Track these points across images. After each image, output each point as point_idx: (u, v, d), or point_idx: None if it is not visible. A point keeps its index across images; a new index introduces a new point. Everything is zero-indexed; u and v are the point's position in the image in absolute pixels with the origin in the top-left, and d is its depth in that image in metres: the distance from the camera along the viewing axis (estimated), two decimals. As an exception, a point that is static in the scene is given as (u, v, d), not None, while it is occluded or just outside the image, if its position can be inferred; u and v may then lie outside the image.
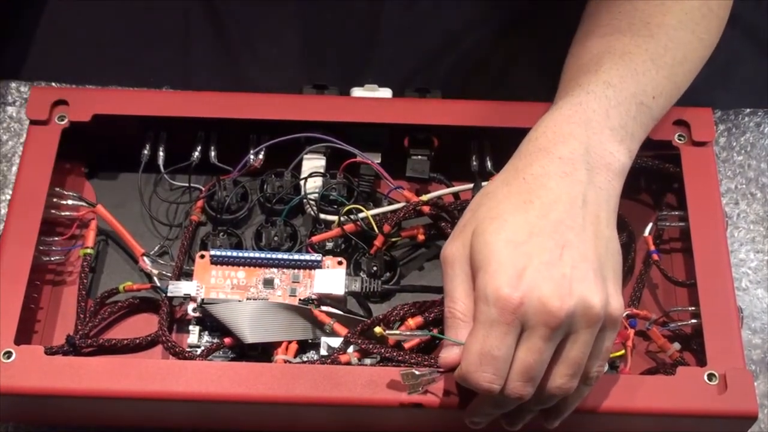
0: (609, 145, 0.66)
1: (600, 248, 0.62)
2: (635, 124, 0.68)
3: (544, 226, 0.61)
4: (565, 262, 0.60)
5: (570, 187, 0.63)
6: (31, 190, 0.75)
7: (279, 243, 0.77)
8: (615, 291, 0.62)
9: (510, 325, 0.59)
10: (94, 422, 0.73)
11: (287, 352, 0.71)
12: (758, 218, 0.84)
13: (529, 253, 0.60)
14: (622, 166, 0.66)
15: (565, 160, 0.64)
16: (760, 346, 0.79)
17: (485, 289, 0.60)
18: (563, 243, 0.61)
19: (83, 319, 0.74)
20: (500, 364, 0.60)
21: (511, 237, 0.61)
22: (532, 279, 0.60)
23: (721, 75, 0.90)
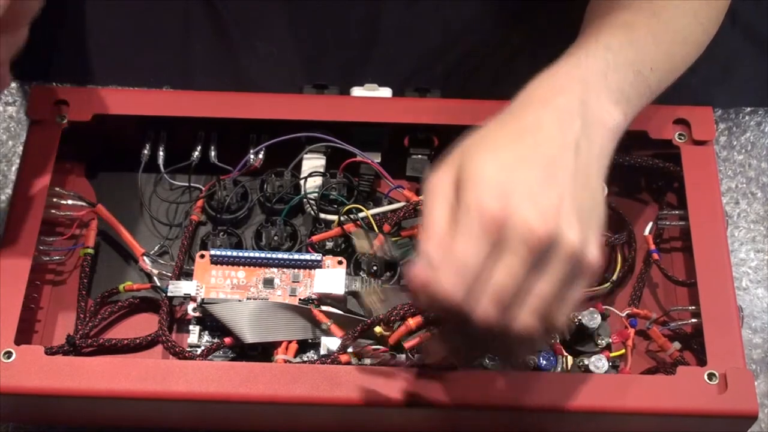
0: (605, 104, 0.65)
1: (587, 198, 0.61)
2: (632, 90, 0.68)
3: (535, 158, 0.61)
4: (553, 195, 0.59)
5: (565, 134, 0.62)
6: (31, 190, 0.75)
7: (279, 243, 0.77)
8: (595, 242, 0.61)
9: (488, 236, 0.58)
10: (94, 422, 0.73)
11: (287, 352, 0.71)
12: (759, 217, 0.84)
13: (517, 178, 0.59)
14: (617, 125, 0.65)
15: (561, 110, 0.63)
16: (760, 345, 0.79)
17: (467, 200, 0.58)
18: (553, 178, 0.60)
19: (83, 319, 0.74)
20: (469, 274, 0.58)
21: (500, 161, 0.60)
22: (518, 198, 0.58)
23: (721, 74, 0.90)
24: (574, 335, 0.72)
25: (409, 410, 0.67)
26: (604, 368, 0.70)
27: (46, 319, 0.75)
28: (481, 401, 0.67)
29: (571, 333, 0.72)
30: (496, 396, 0.67)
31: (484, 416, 0.68)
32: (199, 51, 0.91)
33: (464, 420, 0.69)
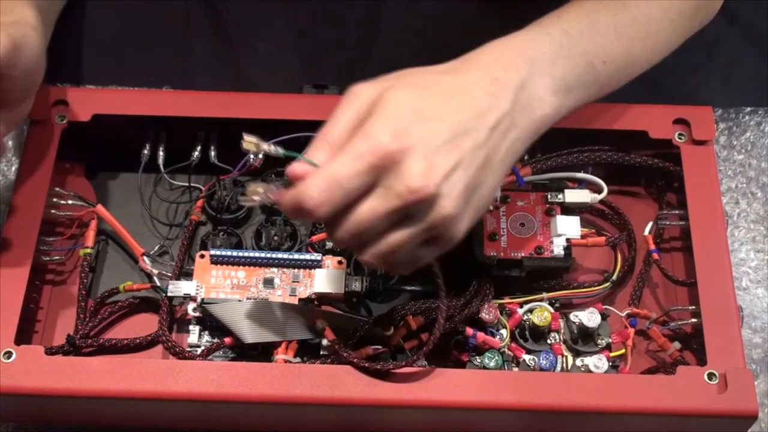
0: (542, 91, 0.66)
1: (481, 178, 0.62)
2: (577, 81, 0.68)
3: (452, 119, 0.61)
4: (448, 160, 0.60)
5: (490, 107, 0.63)
6: (31, 190, 0.75)
7: (279, 243, 0.77)
8: (468, 221, 0.61)
9: (370, 169, 0.58)
10: (94, 422, 0.73)
11: (287, 352, 0.71)
12: (759, 217, 0.84)
13: (424, 129, 0.60)
14: (542, 117, 0.66)
15: (498, 82, 0.64)
16: (760, 345, 0.79)
17: (370, 125, 0.59)
18: (457, 145, 0.60)
19: (83, 319, 0.74)
20: (338, 195, 0.58)
21: (420, 105, 0.60)
22: (414, 148, 0.59)
23: (721, 75, 0.90)
24: (575, 335, 0.72)
25: (409, 410, 0.67)
26: (604, 368, 0.70)
27: (46, 319, 0.75)
28: (482, 401, 0.67)
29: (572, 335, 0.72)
30: (496, 396, 0.67)
31: (484, 416, 0.68)
32: (199, 51, 0.91)
33: (464, 420, 0.69)
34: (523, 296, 0.73)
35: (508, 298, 0.73)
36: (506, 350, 0.71)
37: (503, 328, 0.71)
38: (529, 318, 0.71)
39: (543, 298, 0.73)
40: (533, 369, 0.70)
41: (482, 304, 0.71)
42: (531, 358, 0.71)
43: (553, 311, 0.72)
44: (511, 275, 0.74)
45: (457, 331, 0.71)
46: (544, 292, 0.73)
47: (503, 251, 0.74)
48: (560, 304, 0.74)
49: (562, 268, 0.75)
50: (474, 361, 0.70)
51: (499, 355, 0.70)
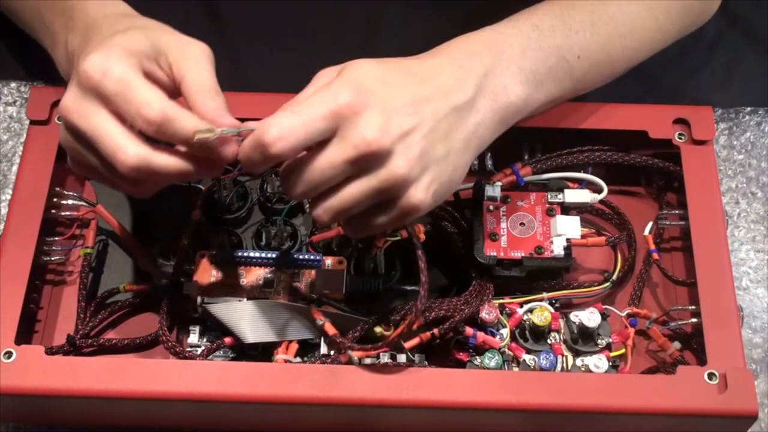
0: (508, 81, 0.66)
1: (440, 149, 0.62)
2: (548, 74, 0.69)
3: (414, 90, 0.62)
4: (407, 121, 0.60)
5: (453, 89, 0.63)
6: (31, 190, 0.75)
7: (279, 243, 0.77)
8: (426, 188, 0.61)
9: (332, 115, 0.59)
10: (94, 422, 0.73)
11: (287, 352, 0.71)
12: (759, 217, 0.84)
13: (385, 90, 0.60)
14: (508, 105, 0.66)
15: (462, 68, 0.65)
16: (760, 345, 0.79)
17: (332, 84, 0.60)
18: (417, 112, 0.61)
19: (83, 319, 0.74)
20: (298, 135, 0.59)
21: (382, 73, 0.62)
22: (373, 104, 0.59)
23: (721, 74, 0.90)
24: (575, 335, 0.72)
25: (409, 410, 0.67)
26: (604, 368, 0.70)
27: (47, 319, 0.75)
28: (482, 401, 0.67)
29: (572, 334, 0.72)
30: (496, 396, 0.67)
31: (484, 416, 0.68)
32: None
33: (464, 420, 0.69)
34: (523, 296, 0.73)
35: (508, 298, 0.73)
36: (506, 350, 0.71)
37: (503, 328, 0.71)
38: (529, 318, 0.71)
39: (543, 298, 0.73)
40: (533, 369, 0.70)
41: (482, 304, 0.71)
42: (531, 358, 0.71)
43: (553, 311, 0.72)
44: (511, 275, 0.74)
45: (457, 331, 0.71)
46: (544, 292, 0.73)
47: (503, 251, 0.74)
48: (560, 304, 0.74)
49: (562, 268, 0.75)
50: (474, 361, 0.70)
51: (499, 355, 0.70)
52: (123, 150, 0.60)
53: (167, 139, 0.61)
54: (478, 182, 0.76)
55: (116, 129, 0.60)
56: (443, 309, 0.71)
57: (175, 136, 0.60)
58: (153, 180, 0.63)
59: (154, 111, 0.60)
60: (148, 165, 0.61)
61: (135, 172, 0.60)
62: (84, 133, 0.61)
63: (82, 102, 0.61)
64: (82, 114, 0.61)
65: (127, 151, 0.60)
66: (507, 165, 0.77)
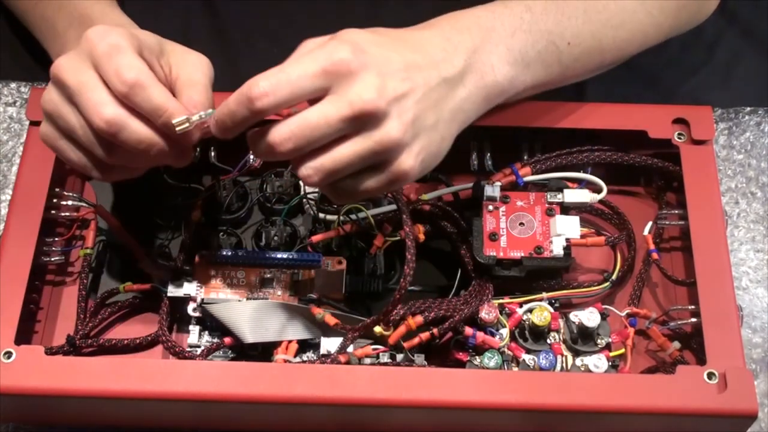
0: (496, 60, 0.67)
1: (430, 117, 0.62)
2: (537, 58, 0.69)
3: (407, 56, 0.62)
4: (402, 85, 0.60)
5: (443, 60, 0.64)
6: (31, 190, 0.75)
7: (279, 243, 0.77)
8: (416, 157, 0.61)
9: (325, 74, 0.59)
10: (94, 422, 0.73)
11: (287, 352, 0.71)
12: (758, 217, 0.84)
13: (381, 52, 0.61)
14: (494, 84, 0.67)
15: (451, 42, 0.65)
16: (760, 345, 0.79)
17: (327, 43, 0.60)
18: (411, 77, 0.61)
19: (83, 319, 0.74)
20: (285, 90, 0.59)
21: (376, 39, 0.62)
22: (370, 65, 0.59)
23: (721, 74, 0.90)
24: (574, 335, 0.72)
25: (409, 410, 0.67)
26: (603, 368, 0.70)
27: (46, 319, 0.75)
28: (482, 401, 0.67)
29: (572, 334, 0.72)
30: (496, 396, 0.67)
31: (484, 416, 0.68)
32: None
33: (464, 420, 0.69)
34: (522, 296, 0.73)
35: (508, 298, 0.73)
36: (506, 350, 0.71)
37: (503, 328, 0.71)
38: (528, 318, 0.71)
39: (543, 298, 0.73)
40: (533, 369, 0.70)
41: (482, 304, 0.71)
42: (531, 357, 0.71)
43: (552, 311, 0.72)
44: (510, 275, 0.74)
45: (456, 331, 0.71)
46: (543, 292, 0.73)
47: (503, 251, 0.74)
48: (560, 304, 0.74)
49: (561, 268, 0.75)
50: (474, 361, 0.70)
51: (499, 355, 0.70)
52: (102, 105, 0.61)
53: (135, 105, 0.61)
54: (478, 182, 0.76)
55: (101, 87, 0.62)
56: (443, 309, 0.71)
57: (143, 104, 0.61)
58: (125, 155, 0.63)
59: (131, 74, 0.61)
60: (123, 125, 0.61)
61: (109, 128, 0.61)
62: (70, 87, 0.62)
63: (75, 61, 0.63)
64: (72, 69, 0.62)
65: (106, 107, 0.61)
66: (507, 165, 0.77)
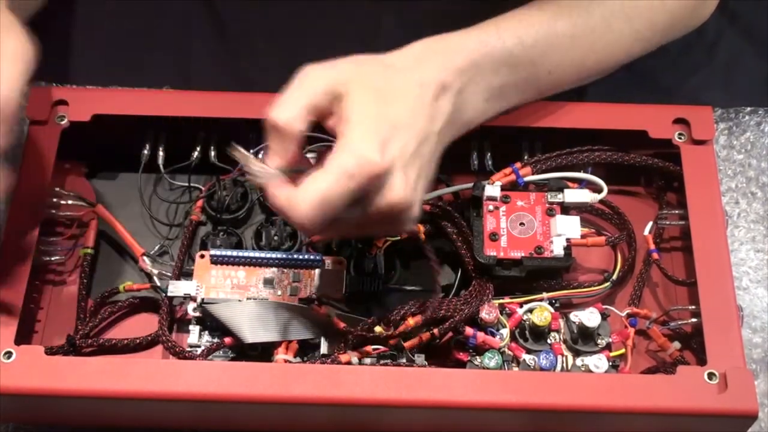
0: (476, 99, 0.70)
1: (429, 173, 0.66)
2: (515, 89, 0.72)
3: (415, 126, 0.64)
4: (415, 169, 0.64)
5: (437, 112, 0.67)
6: (31, 190, 0.75)
7: (279, 243, 0.77)
8: (420, 201, 0.65)
9: (361, 188, 0.61)
10: (94, 422, 0.73)
11: (287, 352, 0.71)
12: (758, 217, 0.84)
13: (399, 141, 0.63)
14: (470, 121, 0.71)
15: (444, 88, 0.67)
16: (760, 345, 0.79)
17: (352, 140, 0.62)
18: (421, 152, 0.65)
19: (83, 319, 0.74)
20: (328, 213, 0.61)
21: (386, 114, 0.63)
22: (396, 162, 0.62)
23: (721, 74, 0.90)
24: (575, 335, 0.72)
25: (409, 410, 0.67)
26: (604, 368, 0.70)
27: (46, 319, 0.75)
28: (482, 401, 0.67)
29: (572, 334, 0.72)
30: (496, 396, 0.67)
31: (484, 416, 0.68)
32: (199, 51, 0.91)
33: (464, 420, 0.69)
34: (523, 296, 0.73)
35: (508, 298, 0.73)
36: (506, 350, 0.71)
37: (503, 328, 0.71)
38: (529, 318, 0.71)
39: (543, 298, 0.73)
40: (533, 369, 0.70)
41: (482, 304, 0.71)
42: (531, 357, 0.71)
43: (553, 311, 0.72)
44: (510, 275, 0.74)
45: (457, 331, 0.71)
46: (544, 292, 0.73)
47: (503, 251, 0.74)
48: (560, 304, 0.74)
49: (562, 268, 0.75)
50: (474, 361, 0.70)
51: (499, 355, 0.70)
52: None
53: None
54: (478, 182, 0.76)
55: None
56: (443, 309, 0.71)
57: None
58: None
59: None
60: None
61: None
62: None
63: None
64: None
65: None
66: (507, 165, 0.77)
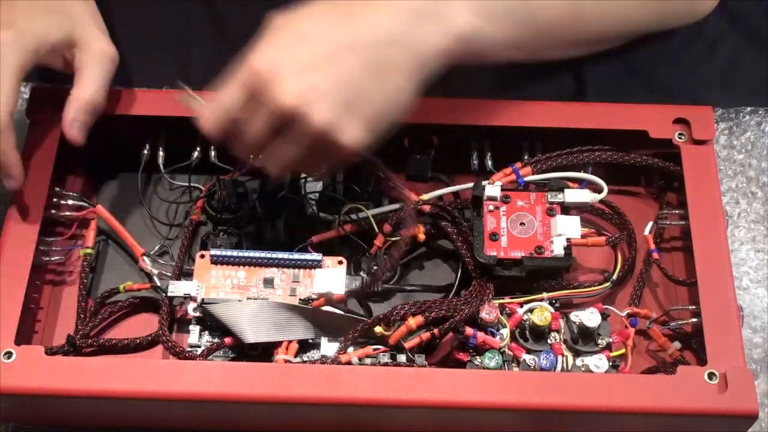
0: (458, 7, 0.68)
1: (371, 89, 0.65)
2: (507, 14, 0.70)
3: (336, 38, 0.66)
4: (319, 77, 0.65)
5: (386, 23, 0.66)
6: (31, 190, 0.75)
7: (279, 243, 0.77)
8: (356, 127, 0.65)
9: (248, 90, 0.66)
10: (94, 422, 0.73)
11: (287, 352, 0.71)
12: (759, 217, 0.84)
13: (300, 52, 0.65)
14: (456, 31, 0.68)
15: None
16: (760, 345, 0.79)
17: (249, 57, 0.66)
18: (337, 62, 0.65)
19: (83, 319, 0.74)
20: (224, 117, 0.67)
21: (306, 28, 0.66)
22: (285, 70, 0.64)
23: (721, 74, 0.90)
24: (575, 335, 0.72)
25: (409, 410, 0.67)
26: (604, 368, 0.70)
27: (47, 319, 0.75)
28: (482, 401, 0.67)
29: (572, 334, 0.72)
30: (496, 396, 0.67)
31: (484, 416, 0.68)
32: (199, 51, 0.91)
33: (464, 420, 0.69)
34: (523, 296, 0.73)
35: (508, 298, 0.73)
36: (506, 350, 0.71)
37: (503, 328, 0.71)
38: (529, 318, 0.71)
39: (543, 298, 0.73)
40: (533, 369, 0.70)
41: (482, 304, 0.71)
42: (531, 358, 0.71)
43: (553, 311, 0.72)
44: (511, 275, 0.74)
45: (457, 331, 0.71)
46: (544, 292, 0.73)
47: (503, 251, 0.74)
48: (560, 304, 0.74)
49: (562, 268, 0.75)
50: (474, 361, 0.70)
51: (499, 355, 0.70)
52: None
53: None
54: (478, 182, 0.76)
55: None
56: (443, 309, 0.71)
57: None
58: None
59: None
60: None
61: None
62: None
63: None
64: None
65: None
66: (507, 165, 0.77)
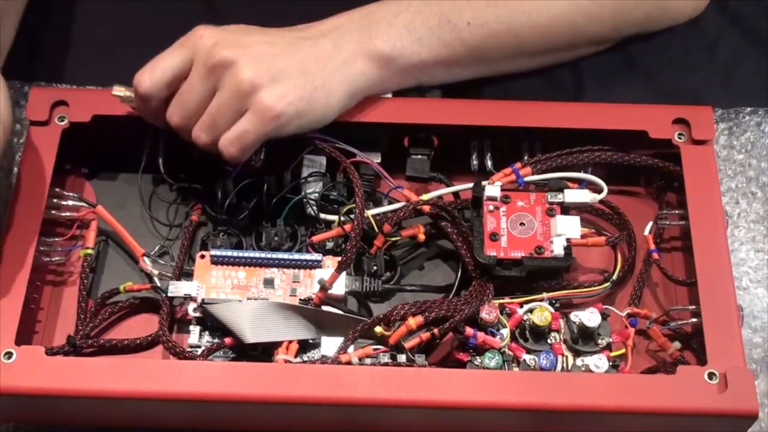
0: (374, 31, 0.74)
1: (290, 67, 0.72)
2: (430, 34, 0.74)
3: (291, 35, 0.75)
4: (247, 39, 0.73)
5: (303, 29, 0.77)
6: (31, 190, 0.75)
7: (279, 243, 0.77)
8: (278, 93, 0.71)
9: (182, 48, 0.74)
10: (94, 422, 0.73)
11: (287, 352, 0.71)
12: (759, 217, 0.84)
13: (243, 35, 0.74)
14: (372, 48, 0.74)
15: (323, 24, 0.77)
16: (760, 345, 0.79)
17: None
18: (271, 40, 0.74)
19: (84, 320, 0.74)
20: (160, 75, 0.73)
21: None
22: (235, 33, 0.73)
23: (721, 74, 0.90)
24: (575, 335, 0.72)
25: (409, 410, 0.67)
26: (604, 368, 0.70)
27: (47, 319, 0.75)
28: (482, 401, 0.67)
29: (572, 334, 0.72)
30: (496, 396, 0.67)
31: (484, 416, 0.68)
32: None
33: (464, 420, 0.69)
34: (523, 296, 0.73)
35: (508, 298, 0.73)
36: (506, 350, 0.71)
37: (503, 328, 0.71)
38: (529, 318, 0.71)
39: (543, 298, 0.73)
40: (533, 369, 0.70)
41: (482, 304, 0.71)
42: (531, 358, 0.71)
43: (553, 311, 0.72)
44: (511, 275, 0.74)
45: (457, 331, 0.71)
46: (544, 292, 0.73)
47: (503, 251, 0.74)
48: (560, 304, 0.74)
49: (562, 268, 0.75)
50: (474, 361, 0.70)
51: (499, 355, 0.70)
52: None
53: None
54: (478, 182, 0.76)
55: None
56: (443, 309, 0.71)
57: None
58: None
59: None
60: None
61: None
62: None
63: None
64: None
65: None
66: (507, 165, 0.77)
